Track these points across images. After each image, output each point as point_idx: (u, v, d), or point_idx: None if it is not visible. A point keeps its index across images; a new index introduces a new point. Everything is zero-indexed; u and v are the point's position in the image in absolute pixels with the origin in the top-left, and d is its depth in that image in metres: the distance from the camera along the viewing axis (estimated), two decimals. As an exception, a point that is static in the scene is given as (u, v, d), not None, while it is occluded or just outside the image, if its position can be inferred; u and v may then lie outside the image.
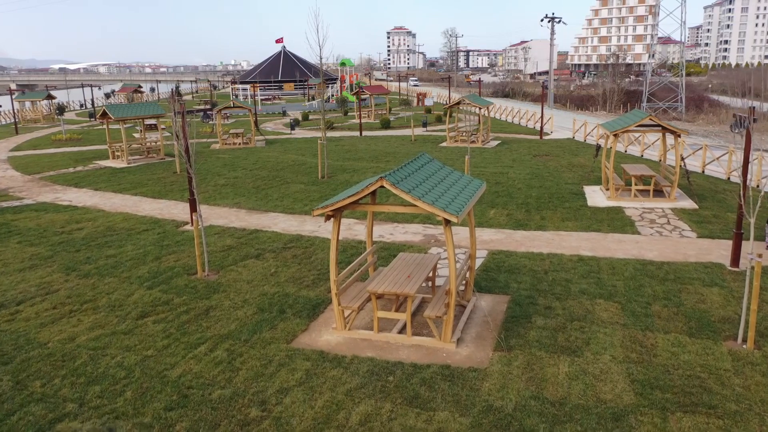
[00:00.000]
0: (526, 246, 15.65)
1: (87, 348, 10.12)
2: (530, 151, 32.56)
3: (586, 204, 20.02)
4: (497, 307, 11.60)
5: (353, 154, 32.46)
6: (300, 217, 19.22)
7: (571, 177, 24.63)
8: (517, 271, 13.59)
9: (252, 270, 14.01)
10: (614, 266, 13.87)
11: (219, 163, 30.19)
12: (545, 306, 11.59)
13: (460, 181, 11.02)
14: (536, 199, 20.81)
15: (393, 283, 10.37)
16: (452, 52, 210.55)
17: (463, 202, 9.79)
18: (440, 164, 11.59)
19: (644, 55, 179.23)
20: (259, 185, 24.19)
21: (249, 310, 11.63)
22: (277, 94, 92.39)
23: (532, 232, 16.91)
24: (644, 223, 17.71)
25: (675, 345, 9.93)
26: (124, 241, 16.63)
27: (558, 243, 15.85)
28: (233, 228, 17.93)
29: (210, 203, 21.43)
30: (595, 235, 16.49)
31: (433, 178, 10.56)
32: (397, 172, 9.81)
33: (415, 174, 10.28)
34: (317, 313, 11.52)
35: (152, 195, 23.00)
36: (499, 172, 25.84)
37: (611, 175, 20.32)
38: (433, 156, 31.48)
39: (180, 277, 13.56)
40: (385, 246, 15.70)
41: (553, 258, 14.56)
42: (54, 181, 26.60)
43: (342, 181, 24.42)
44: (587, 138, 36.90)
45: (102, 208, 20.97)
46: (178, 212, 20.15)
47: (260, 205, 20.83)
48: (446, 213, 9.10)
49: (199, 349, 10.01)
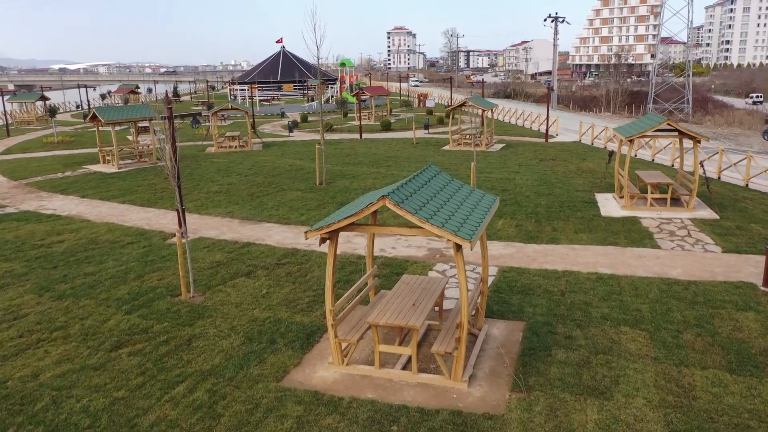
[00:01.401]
0: (539, 262, 14.49)
1: (51, 388, 8.96)
2: (536, 155, 31.40)
3: (600, 213, 18.86)
4: (512, 337, 10.44)
5: (353, 158, 31.30)
6: (296, 228, 18.06)
7: (581, 183, 23.46)
8: (531, 293, 12.43)
9: (242, 290, 12.84)
10: (637, 286, 12.71)
11: (213, 168, 29.02)
12: (565, 335, 10.42)
13: (470, 197, 9.86)
14: (546, 207, 19.65)
15: (396, 313, 9.21)
16: (452, 53, 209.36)
17: (476, 224, 8.63)
18: (448, 178, 10.43)
19: (646, 55, 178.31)
20: (254, 192, 23.03)
21: (236, 339, 10.46)
22: (276, 95, 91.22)
23: (545, 246, 15.75)
24: (663, 236, 16.55)
25: (716, 384, 8.78)
26: (106, 256, 15.47)
27: (573, 258, 14.69)
28: (224, 241, 16.77)
29: (202, 212, 20.27)
30: (613, 250, 15.33)
31: (441, 194, 9.39)
32: (401, 188, 8.65)
33: (422, 190, 9.12)
34: (312, 342, 10.36)
35: (141, 203, 21.84)
36: (505, 178, 24.68)
37: (626, 183, 19.16)
38: (435, 160, 30.48)
39: (162, 299, 12.40)
40: (387, 262, 14.54)
41: (570, 276, 13.40)
42: (40, 187, 25.45)
43: (341, 188, 23.27)
44: (594, 141, 35.72)
45: (87, 218, 19.81)
46: (167, 222, 19.00)
47: (254, 215, 19.67)
48: (457, 237, 7.95)
49: (178, 389, 8.84)
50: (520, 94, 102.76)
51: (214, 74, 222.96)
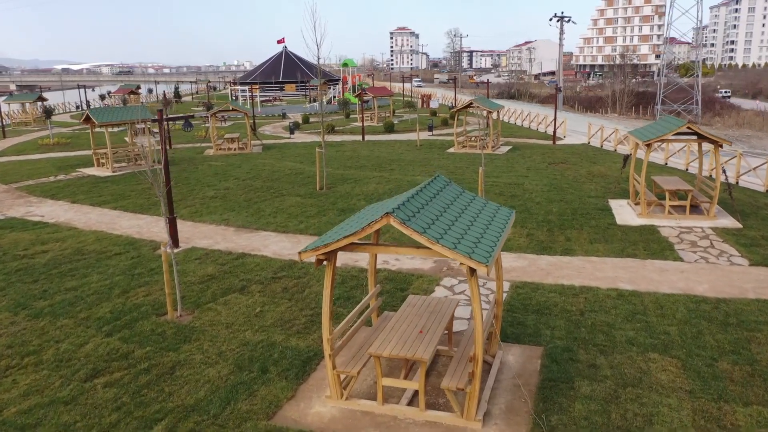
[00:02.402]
0: (554, 276, 13.49)
1: (14, 427, 7.99)
2: (544, 158, 30.38)
3: (615, 222, 17.85)
4: (529, 365, 9.44)
5: (355, 161, 30.32)
6: (294, 237, 17.08)
7: (593, 189, 22.44)
8: (547, 312, 11.43)
9: (234, 308, 11.87)
10: (662, 304, 11.71)
11: (210, 171, 28.06)
12: (588, 363, 9.42)
13: (484, 211, 8.87)
14: (558, 215, 18.64)
15: (402, 342, 8.22)
16: (455, 53, 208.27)
17: (492, 243, 7.64)
18: (459, 189, 9.43)
19: (650, 55, 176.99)
20: (252, 198, 22.05)
21: (224, 367, 9.48)
22: (278, 96, 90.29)
23: (559, 258, 14.75)
24: (685, 247, 15.54)
25: (762, 424, 7.78)
26: (90, 269, 14.50)
27: (590, 272, 13.68)
28: (218, 251, 15.80)
29: (196, 219, 19.31)
30: (632, 263, 14.32)
31: (451, 209, 8.40)
32: (407, 203, 7.67)
33: (430, 205, 8.13)
34: (308, 370, 9.38)
35: (133, 209, 20.88)
36: (513, 183, 23.67)
37: (643, 190, 18.14)
38: (440, 164, 29.46)
39: (147, 318, 11.42)
40: (391, 276, 13.55)
41: (588, 293, 12.40)
42: (30, 191, 24.52)
43: (342, 194, 22.28)
44: (604, 144, 34.66)
45: (75, 226, 18.86)
46: (159, 230, 18.03)
47: (251, 222, 18.70)
48: (472, 260, 6.96)
49: (155, 429, 7.86)
50: (525, 94, 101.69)
51: (216, 74, 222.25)
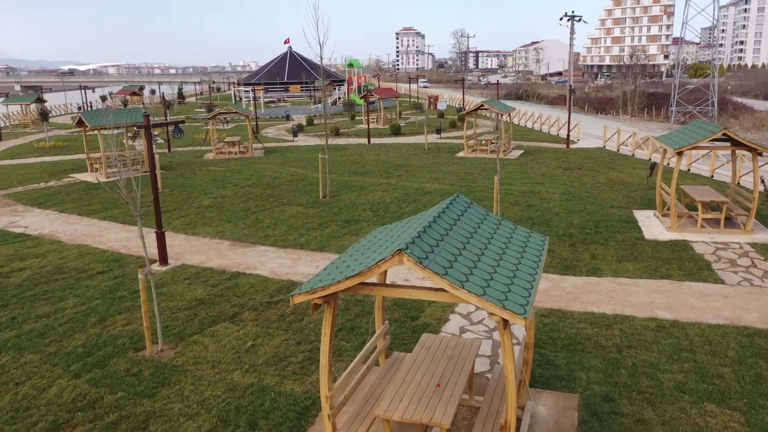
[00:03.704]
0: (581, 301, 12.06)
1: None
2: (559, 163, 28.92)
3: (643, 236, 16.40)
4: (564, 419, 8.02)
5: (360, 166, 28.93)
6: (294, 253, 15.70)
7: (615, 198, 20.98)
8: (579, 348, 10.00)
9: (222, 341, 10.48)
10: (709, 338, 10.27)
11: (208, 177, 26.71)
12: (634, 417, 8.00)
13: (514, 239, 7.47)
14: (580, 228, 17.20)
15: (416, 400, 6.81)
16: (462, 53, 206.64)
17: (527, 285, 6.24)
18: (482, 212, 8.02)
19: (659, 56, 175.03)
20: (250, 207, 20.68)
21: (206, 420, 8.09)
22: (283, 97, 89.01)
23: (585, 279, 13.31)
24: (723, 266, 14.07)
25: None
26: (68, 291, 13.15)
27: (622, 297, 12.25)
28: (210, 270, 14.43)
29: (189, 231, 17.97)
30: (667, 285, 12.88)
31: (475, 239, 6.99)
32: (423, 236, 6.26)
33: (450, 236, 6.72)
34: (304, 425, 7.98)
35: (124, 219, 19.57)
36: (529, 191, 22.23)
37: (673, 202, 16.68)
38: (450, 169, 27.93)
39: (123, 355, 10.05)
40: (399, 302, 12.13)
41: (623, 323, 10.97)
42: (18, 199, 23.22)
43: (347, 203, 20.88)
44: (621, 148, 33.13)
45: (59, 238, 17.54)
46: (150, 244, 16.59)
47: (248, 235, 17.34)
48: (506, 311, 5.56)
49: None
50: (533, 95, 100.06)
51: (222, 75, 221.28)
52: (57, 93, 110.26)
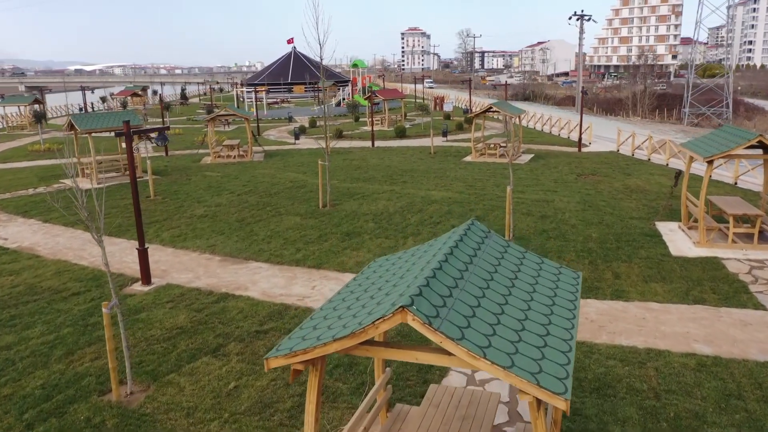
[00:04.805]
0: (608, 332, 10.74)
1: None
2: (572, 168, 27.56)
3: (669, 252, 15.06)
4: (600, 491, 6.71)
5: (363, 171, 27.65)
6: (289, 270, 14.43)
7: (634, 208, 19.62)
8: (611, 392, 8.68)
9: (201, 382, 9.21)
10: (759, 381, 8.93)
11: (204, 183, 25.46)
12: (684, 489, 6.69)
13: (541, 279, 6.16)
14: (600, 243, 15.87)
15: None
16: (467, 53, 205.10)
17: (565, 347, 4.93)
18: (502, 243, 6.72)
19: (667, 56, 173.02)
20: (245, 218, 19.42)
21: (173, 490, 6.83)
22: (286, 97, 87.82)
23: (610, 304, 11.99)
24: (762, 288, 12.73)
25: None
26: (37, 316, 11.91)
27: (654, 326, 10.92)
28: (196, 291, 13.16)
29: (178, 245, 16.72)
30: (702, 311, 11.55)
31: (495, 283, 5.68)
32: (432, 283, 4.96)
33: (465, 280, 5.42)
34: (290, 495, 6.70)
35: (110, 231, 18.32)
36: (541, 200, 20.89)
37: (701, 215, 15.33)
38: (457, 175, 26.54)
39: (86, 399, 8.78)
40: (401, 330, 10.82)
41: (658, 360, 9.64)
42: (3, 207, 22.03)
43: (348, 213, 19.60)
44: (635, 152, 31.70)
45: (38, 253, 16.33)
46: (133, 259, 15.42)
47: (241, 250, 16.08)
48: (542, 390, 4.27)
49: None
50: (540, 96, 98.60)
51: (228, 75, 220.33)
52: (58, 94, 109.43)
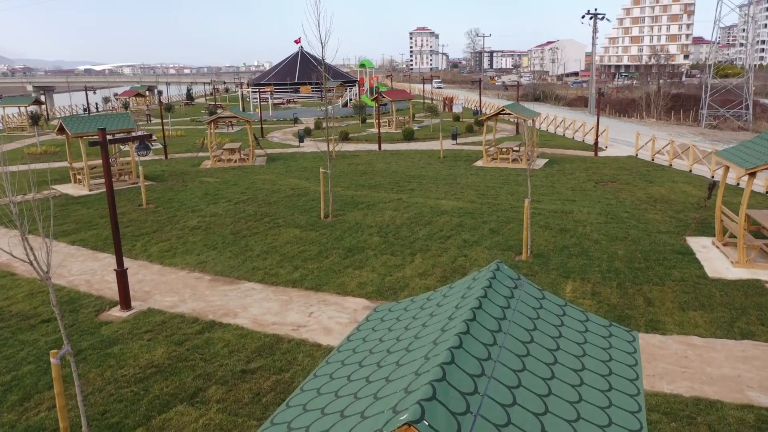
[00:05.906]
0: (646, 374, 9.30)
1: None
2: (589, 174, 26.08)
3: (705, 273, 13.59)
4: None
5: (369, 177, 26.28)
6: (284, 293, 13.06)
7: (661, 220, 18.13)
8: (658, 460, 7.26)
9: (172, 439, 7.85)
10: (834, 443, 7.49)
11: (200, 191, 24.12)
12: None
13: (589, 344, 4.72)
14: (627, 262, 14.41)
15: None
16: (476, 53, 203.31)
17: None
18: (536, 293, 5.29)
19: (679, 55, 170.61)
20: (240, 230, 18.06)
21: None
22: (293, 98, 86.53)
23: (645, 338, 10.54)
24: (816, 318, 11.25)
25: None
26: (-2, 349, 10.61)
27: (698, 367, 9.48)
28: (179, 318, 11.81)
29: (166, 262, 15.38)
30: (753, 348, 10.09)
31: (532, 361, 4.26)
32: (446, 378, 3.55)
33: (492, 365, 3.99)
34: None
35: (95, 244, 17.04)
36: (560, 210, 19.43)
37: (741, 232, 13.85)
38: (468, 182, 25.04)
39: (33, 463, 7.44)
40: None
41: (709, 413, 8.20)
42: (-13, 216, 20.77)
43: (351, 224, 18.22)
44: (655, 157, 30.15)
45: (12, 270, 15.04)
46: (112, 281, 14.09)
47: (233, 267, 14.72)
48: None
49: None
50: (550, 96, 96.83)
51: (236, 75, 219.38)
52: (63, 94, 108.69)
